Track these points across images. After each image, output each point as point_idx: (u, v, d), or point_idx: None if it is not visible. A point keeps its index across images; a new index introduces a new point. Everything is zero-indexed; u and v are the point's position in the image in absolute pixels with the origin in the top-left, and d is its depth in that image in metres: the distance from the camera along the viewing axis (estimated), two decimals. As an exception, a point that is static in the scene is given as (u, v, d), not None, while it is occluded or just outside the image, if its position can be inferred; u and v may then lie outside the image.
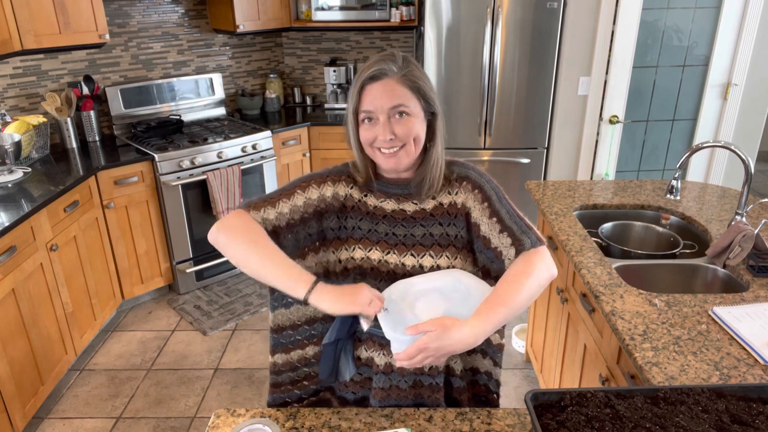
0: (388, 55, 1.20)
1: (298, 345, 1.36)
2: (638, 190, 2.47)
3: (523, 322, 3.12)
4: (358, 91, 1.18)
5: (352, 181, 1.30)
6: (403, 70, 1.17)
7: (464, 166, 1.31)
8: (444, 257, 1.24)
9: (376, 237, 1.27)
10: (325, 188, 1.28)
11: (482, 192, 1.26)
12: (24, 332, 2.38)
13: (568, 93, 3.62)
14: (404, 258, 1.25)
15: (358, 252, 1.26)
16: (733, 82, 3.61)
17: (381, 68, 1.16)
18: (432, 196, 1.28)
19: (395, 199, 1.28)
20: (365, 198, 1.29)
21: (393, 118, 1.18)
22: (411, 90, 1.18)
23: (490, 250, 1.23)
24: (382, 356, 1.28)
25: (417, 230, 1.26)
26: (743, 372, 1.32)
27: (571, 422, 0.98)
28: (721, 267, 1.86)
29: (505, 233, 1.20)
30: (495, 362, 1.35)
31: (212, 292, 3.52)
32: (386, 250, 1.26)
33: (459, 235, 1.26)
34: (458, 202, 1.27)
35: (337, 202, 1.28)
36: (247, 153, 3.48)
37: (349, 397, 1.34)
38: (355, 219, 1.28)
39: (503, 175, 3.80)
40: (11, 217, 2.32)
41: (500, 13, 3.40)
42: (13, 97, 3.15)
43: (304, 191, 1.26)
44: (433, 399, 1.29)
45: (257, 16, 3.68)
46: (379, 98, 1.16)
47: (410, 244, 1.26)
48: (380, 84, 1.16)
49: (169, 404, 2.63)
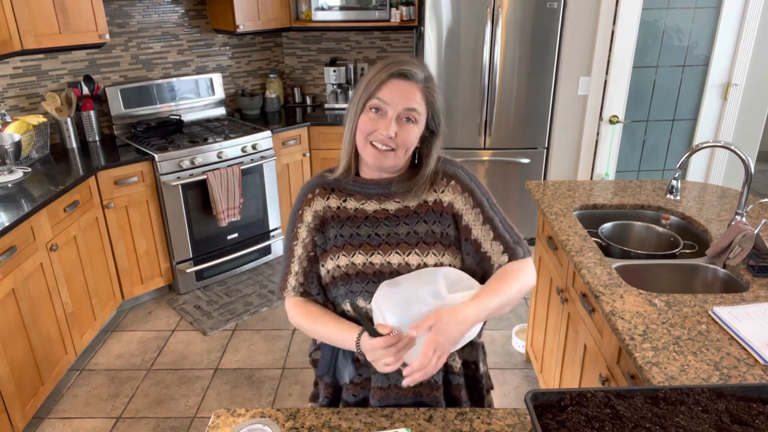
0: (417, 61, 1.22)
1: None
2: (638, 190, 2.47)
3: (523, 322, 3.12)
4: (383, 80, 1.18)
5: (327, 191, 1.30)
6: (427, 83, 1.21)
7: (452, 164, 1.31)
8: (431, 255, 1.24)
9: (358, 240, 1.26)
10: (306, 216, 1.29)
11: (474, 196, 1.27)
12: (24, 332, 2.38)
13: (568, 93, 3.62)
14: (389, 257, 1.24)
15: (342, 259, 1.26)
16: (733, 82, 3.61)
17: (411, 70, 1.18)
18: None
19: (376, 199, 1.28)
20: (344, 203, 1.28)
21: (401, 119, 1.18)
22: (426, 103, 1.21)
23: (479, 253, 1.27)
24: None
25: (401, 228, 1.26)
26: (743, 372, 1.32)
27: (571, 422, 0.98)
28: (721, 267, 1.86)
29: (498, 241, 1.26)
30: (484, 353, 1.41)
31: (212, 292, 3.52)
32: (369, 252, 1.25)
33: (445, 233, 1.26)
34: (444, 201, 1.27)
35: (318, 219, 1.29)
36: (247, 153, 3.48)
37: (351, 400, 1.34)
38: (336, 227, 1.28)
39: (503, 175, 3.80)
40: (11, 217, 2.32)
41: (500, 13, 3.40)
42: (13, 97, 3.15)
43: (297, 238, 1.30)
44: (433, 397, 1.30)
45: (257, 16, 3.68)
46: (398, 94, 1.17)
47: (394, 242, 1.25)
48: (405, 83, 1.18)
49: (169, 404, 2.63)
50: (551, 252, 2.31)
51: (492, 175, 3.81)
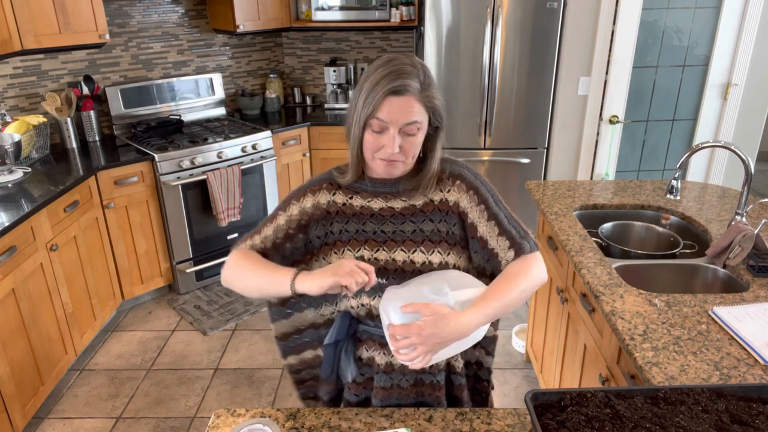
0: (409, 65, 1.17)
1: (309, 345, 1.39)
2: (638, 190, 2.47)
3: (523, 322, 3.12)
4: (380, 100, 1.15)
5: (334, 187, 1.30)
6: (424, 91, 1.17)
7: (457, 164, 1.31)
8: (436, 253, 1.25)
9: (364, 237, 1.27)
10: (305, 200, 1.29)
11: (478, 194, 1.27)
12: (24, 332, 2.38)
13: (568, 93, 3.62)
14: (394, 254, 1.25)
15: (347, 254, 1.27)
16: (733, 82, 3.61)
17: (405, 84, 1.15)
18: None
19: (383, 197, 1.28)
20: (351, 200, 1.29)
21: (403, 132, 1.17)
22: (426, 108, 1.19)
23: (487, 250, 1.25)
24: (382, 356, 1.28)
25: (407, 226, 1.27)
26: (743, 372, 1.32)
27: (571, 422, 0.98)
28: (721, 267, 1.86)
29: (504, 237, 1.24)
30: (488, 352, 1.39)
31: (212, 292, 3.52)
32: (375, 248, 1.26)
33: (451, 232, 1.27)
34: (450, 200, 1.27)
35: (319, 210, 1.29)
36: (247, 153, 3.48)
37: (353, 400, 1.35)
38: (341, 222, 1.28)
39: (503, 175, 3.80)
40: (11, 217, 2.32)
41: (500, 13, 3.40)
42: (13, 97, 3.15)
43: (286, 210, 1.29)
44: (434, 397, 1.30)
45: (257, 16, 3.68)
46: (396, 112, 1.15)
47: (400, 240, 1.26)
48: (402, 99, 1.15)
49: (169, 404, 2.63)
50: (551, 252, 2.31)
51: (492, 175, 3.81)
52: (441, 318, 1.08)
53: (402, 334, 1.08)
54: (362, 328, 1.30)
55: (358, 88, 1.19)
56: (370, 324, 1.28)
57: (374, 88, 1.15)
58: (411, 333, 1.07)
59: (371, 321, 1.27)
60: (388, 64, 1.17)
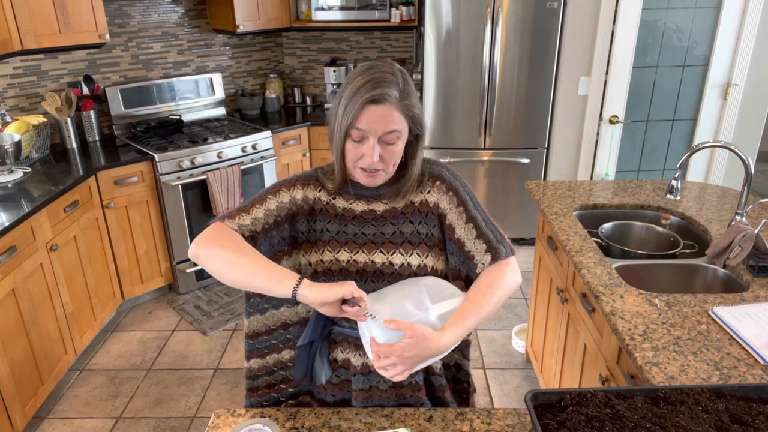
0: (388, 73, 1.16)
1: (274, 349, 1.36)
2: (638, 190, 2.47)
3: (523, 322, 3.12)
4: (358, 110, 1.14)
5: (320, 185, 1.30)
6: (403, 100, 1.17)
7: (437, 165, 1.32)
8: (415, 255, 1.25)
9: (344, 238, 1.27)
10: (295, 191, 1.28)
11: (457, 195, 1.27)
12: (24, 332, 2.38)
13: (568, 93, 3.62)
14: (373, 256, 1.25)
15: (326, 254, 1.26)
16: (733, 82, 3.61)
17: (383, 92, 1.14)
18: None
19: (365, 200, 1.29)
20: (334, 200, 1.29)
21: (383, 142, 1.17)
22: (405, 117, 1.18)
23: (463, 252, 1.26)
24: (358, 357, 1.28)
25: (387, 228, 1.27)
26: (743, 372, 1.32)
27: (571, 422, 0.98)
28: (721, 267, 1.86)
29: (481, 240, 1.25)
30: (464, 356, 1.41)
31: (212, 292, 3.52)
32: (354, 250, 1.26)
33: (430, 234, 1.27)
34: (430, 201, 1.28)
35: (307, 205, 1.28)
36: (247, 153, 3.48)
37: (329, 400, 1.34)
38: (324, 221, 1.28)
39: (503, 175, 3.80)
40: (11, 217, 2.32)
41: (500, 13, 3.40)
42: (13, 97, 3.15)
43: (276, 195, 1.26)
44: (416, 398, 1.30)
45: (257, 16, 3.68)
46: (375, 121, 1.15)
47: (379, 242, 1.26)
48: (381, 108, 1.14)
49: (169, 404, 2.63)
50: (551, 252, 2.31)
51: (492, 175, 3.81)
52: (423, 340, 1.08)
53: (385, 354, 1.09)
54: (337, 329, 1.29)
55: (338, 97, 1.18)
56: (345, 325, 1.27)
57: (353, 97, 1.15)
58: (394, 354, 1.08)
59: (346, 323, 1.26)
60: (367, 72, 1.17)
